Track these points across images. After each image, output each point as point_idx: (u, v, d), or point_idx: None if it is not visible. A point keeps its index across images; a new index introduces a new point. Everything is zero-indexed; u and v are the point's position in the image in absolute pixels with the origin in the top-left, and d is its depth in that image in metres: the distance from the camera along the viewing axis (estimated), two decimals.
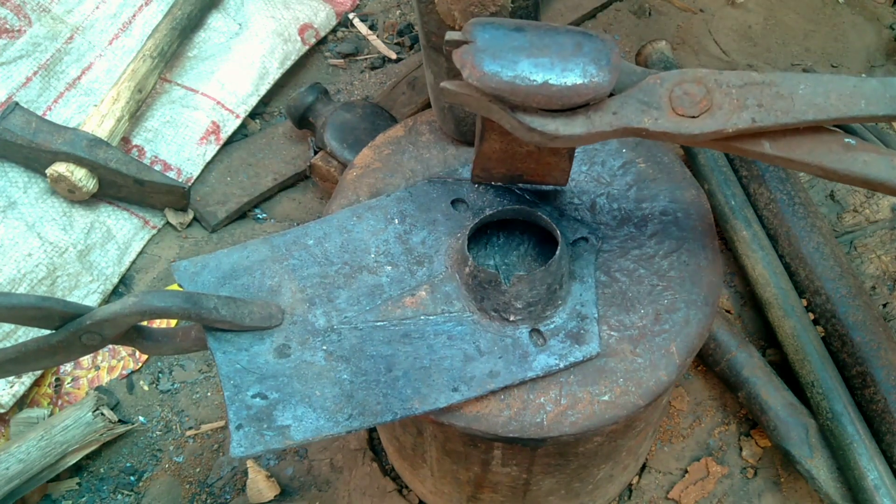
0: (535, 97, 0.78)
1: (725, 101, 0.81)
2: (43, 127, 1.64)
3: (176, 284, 0.96)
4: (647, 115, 0.82)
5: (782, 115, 0.80)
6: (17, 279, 1.55)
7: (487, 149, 0.95)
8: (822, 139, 0.82)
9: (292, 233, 1.00)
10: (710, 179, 1.58)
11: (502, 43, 0.79)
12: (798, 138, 0.82)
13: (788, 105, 0.80)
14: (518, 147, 0.94)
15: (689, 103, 0.82)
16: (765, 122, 0.81)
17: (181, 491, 1.42)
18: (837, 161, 0.82)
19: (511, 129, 0.82)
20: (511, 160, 0.97)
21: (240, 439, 0.83)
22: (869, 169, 0.82)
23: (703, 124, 0.81)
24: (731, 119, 0.81)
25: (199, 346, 0.92)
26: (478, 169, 1.00)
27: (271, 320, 0.91)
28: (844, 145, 0.82)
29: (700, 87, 0.82)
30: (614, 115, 0.81)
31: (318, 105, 1.78)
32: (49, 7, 1.86)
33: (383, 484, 1.40)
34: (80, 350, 0.86)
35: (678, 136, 0.82)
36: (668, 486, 1.42)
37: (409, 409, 0.86)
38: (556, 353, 0.91)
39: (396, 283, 0.96)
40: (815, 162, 0.82)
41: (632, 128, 0.82)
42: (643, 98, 0.82)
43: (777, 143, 0.83)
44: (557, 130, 0.80)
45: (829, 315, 1.42)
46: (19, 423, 1.45)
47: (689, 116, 0.82)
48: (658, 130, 0.82)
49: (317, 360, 0.89)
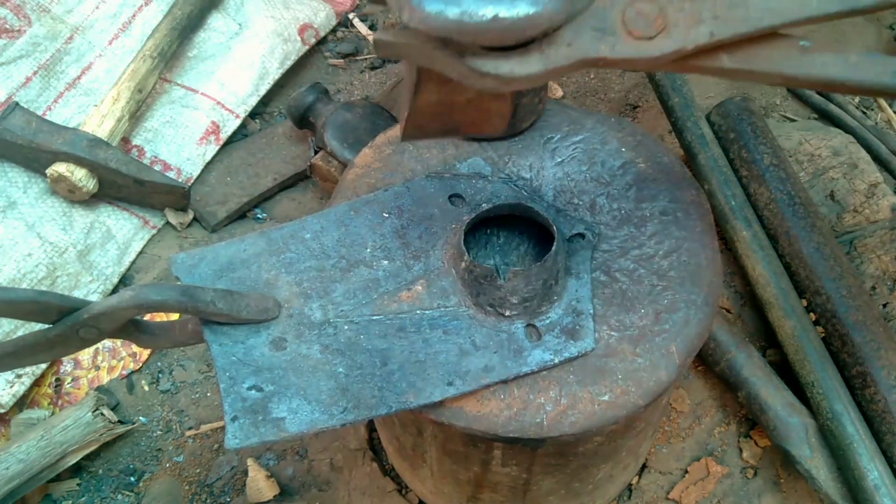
0: (486, 34, 0.70)
1: (680, 16, 0.77)
2: (43, 127, 1.64)
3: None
4: (602, 42, 0.77)
5: (740, 25, 0.77)
6: (17, 279, 1.55)
7: (422, 102, 0.87)
8: (777, 45, 0.80)
9: (289, 226, 1.00)
10: (711, 179, 1.58)
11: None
12: (755, 48, 0.79)
13: (744, 13, 0.77)
14: (457, 96, 0.87)
15: (643, 24, 0.77)
16: (723, 34, 0.77)
17: (181, 491, 1.42)
18: (797, 66, 0.80)
19: (459, 77, 0.75)
20: (448, 112, 0.90)
21: (234, 431, 0.83)
22: (828, 70, 0.80)
23: (662, 45, 0.77)
24: (689, 35, 0.77)
25: (196, 338, 0.93)
26: (409, 127, 0.92)
27: (267, 313, 0.91)
28: (800, 48, 0.80)
29: (652, 4, 0.78)
30: (569, 46, 0.75)
31: (318, 105, 1.78)
32: (49, 7, 1.86)
33: (383, 484, 1.40)
34: (78, 344, 0.86)
35: (638, 60, 0.78)
36: (668, 486, 1.42)
37: (404, 403, 0.87)
38: (550, 348, 0.91)
39: (393, 277, 0.96)
40: (775, 70, 0.80)
41: (589, 58, 0.77)
42: (596, 24, 0.77)
43: (734, 55, 0.79)
44: (512, 71, 0.73)
45: (829, 315, 1.41)
46: (20, 423, 1.45)
47: (646, 38, 0.77)
48: (617, 58, 0.77)
49: (312, 353, 0.90)
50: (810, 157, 1.68)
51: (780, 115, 1.90)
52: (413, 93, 0.86)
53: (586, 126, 1.10)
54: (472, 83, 0.75)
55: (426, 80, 0.84)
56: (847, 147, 1.68)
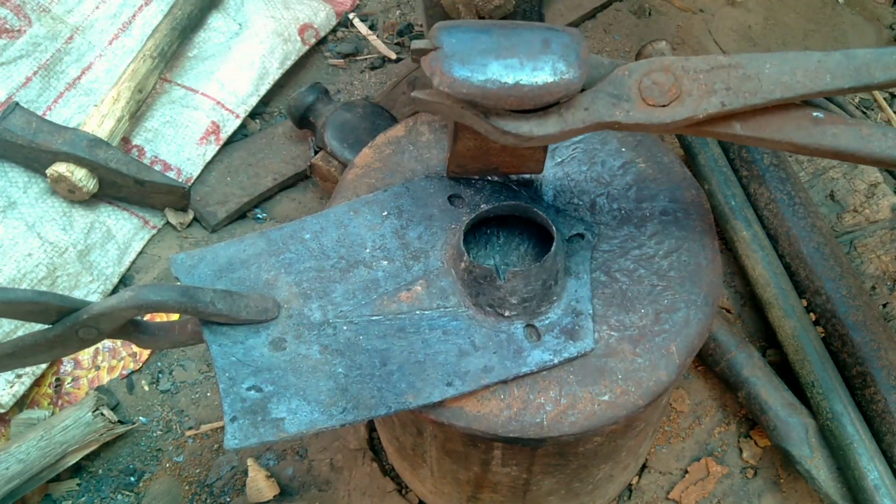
0: (507, 99, 0.78)
1: (694, 87, 0.82)
2: (43, 127, 1.64)
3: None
4: (618, 108, 0.82)
5: (750, 97, 0.81)
6: (17, 279, 1.55)
7: (461, 147, 0.95)
8: (790, 115, 0.83)
9: (289, 227, 1.00)
10: (711, 179, 1.58)
11: (470, 46, 0.78)
12: (767, 117, 0.83)
13: (756, 86, 0.81)
14: (492, 144, 0.94)
15: (658, 93, 0.82)
16: (734, 104, 0.81)
17: (181, 491, 1.42)
18: (807, 136, 0.83)
19: (485, 133, 0.82)
20: (486, 156, 0.97)
21: (234, 431, 0.83)
22: (839, 141, 0.83)
23: (673, 112, 0.82)
24: (700, 105, 0.81)
25: (195, 339, 0.93)
26: (453, 166, 1.00)
27: (267, 314, 0.91)
28: (813, 119, 0.83)
29: (668, 75, 0.82)
30: (586, 110, 0.82)
31: (318, 105, 1.78)
32: (49, 7, 1.86)
33: (383, 484, 1.40)
34: (77, 344, 0.86)
35: (650, 126, 0.83)
36: (667, 486, 1.42)
37: (404, 403, 0.87)
38: (550, 348, 0.91)
39: (392, 277, 0.96)
40: (786, 139, 0.83)
41: (604, 122, 0.82)
42: (613, 91, 0.82)
43: (747, 123, 0.83)
44: (531, 132, 0.80)
45: (829, 315, 1.41)
46: (20, 423, 1.45)
47: (659, 106, 0.82)
48: (630, 122, 0.82)
49: (312, 353, 0.90)
50: (810, 157, 1.68)
51: None
52: (453, 139, 0.94)
53: None
54: (496, 139, 0.82)
55: (463, 129, 0.91)
56: None
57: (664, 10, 2.15)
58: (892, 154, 0.83)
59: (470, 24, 0.80)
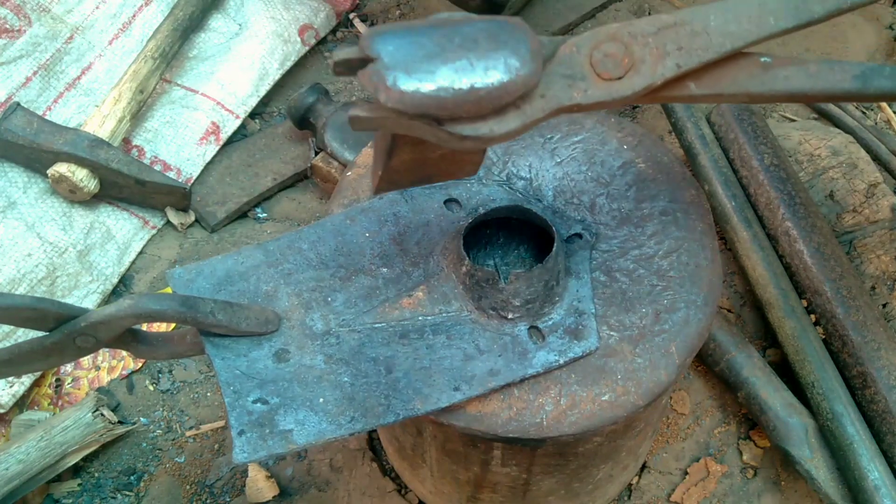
0: (463, 106, 0.70)
1: (645, 52, 0.78)
2: (44, 127, 1.64)
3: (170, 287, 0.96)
4: (574, 88, 0.77)
5: (703, 53, 0.79)
6: (17, 279, 1.55)
7: (397, 162, 0.85)
8: (740, 65, 0.82)
9: (286, 237, 0.99)
10: (711, 180, 1.58)
11: (410, 52, 0.69)
12: (719, 71, 0.81)
13: (706, 41, 0.79)
14: (430, 154, 0.86)
15: (611, 65, 0.78)
16: (689, 64, 0.78)
17: (181, 491, 1.42)
18: (761, 84, 0.82)
19: (437, 141, 0.75)
20: (421, 167, 0.89)
21: (242, 445, 0.82)
22: (791, 83, 0.82)
23: (631, 83, 0.78)
24: (657, 70, 0.78)
25: (194, 350, 0.92)
26: (383, 183, 0.89)
27: (268, 325, 0.90)
28: (762, 65, 0.82)
29: (617, 44, 0.79)
30: (542, 98, 0.76)
31: (318, 105, 1.78)
32: (49, 7, 1.86)
33: (383, 484, 1.40)
34: (75, 353, 0.85)
35: (611, 102, 0.79)
36: (667, 486, 1.42)
37: (412, 410, 0.86)
38: (555, 349, 0.91)
39: (393, 284, 0.96)
40: (741, 91, 0.82)
41: (564, 106, 0.77)
42: (565, 71, 0.77)
43: (701, 81, 0.81)
44: (492, 131, 0.73)
45: (829, 315, 1.41)
46: (20, 424, 1.45)
47: (615, 79, 0.78)
48: (590, 102, 0.78)
49: (316, 363, 0.89)
50: (810, 157, 1.68)
51: (780, 115, 1.90)
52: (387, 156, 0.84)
53: (586, 126, 1.10)
54: (452, 146, 0.74)
55: (401, 144, 0.82)
56: (847, 147, 1.68)
57: (664, 11, 2.15)
58: (842, 87, 0.83)
59: (403, 28, 0.71)
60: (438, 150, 0.84)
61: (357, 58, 0.70)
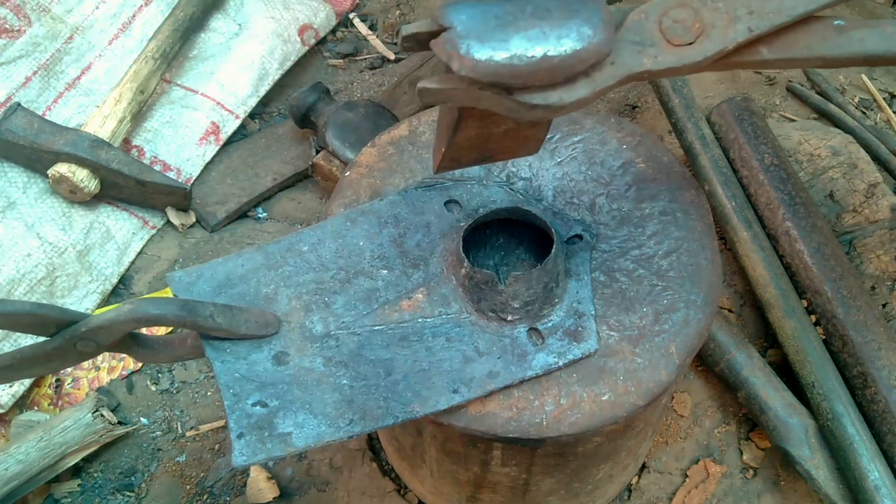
0: (537, 74, 0.70)
1: (716, 17, 0.77)
2: (45, 128, 1.64)
3: (169, 289, 0.95)
4: (644, 55, 0.77)
5: (776, 17, 0.77)
6: (17, 279, 1.55)
7: (462, 139, 0.86)
8: (813, 29, 0.80)
9: (286, 240, 0.99)
10: (711, 180, 1.58)
11: (483, 22, 0.69)
12: (791, 35, 0.79)
13: (778, 4, 0.77)
14: (495, 128, 0.86)
15: (682, 31, 0.77)
16: (761, 28, 0.77)
17: (181, 492, 1.42)
18: (836, 47, 0.80)
19: (507, 112, 0.75)
20: (485, 143, 0.90)
21: (241, 448, 0.82)
22: (866, 46, 0.80)
23: (703, 48, 0.77)
24: (728, 35, 0.77)
25: (195, 354, 0.92)
26: (446, 160, 0.91)
27: (268, 328, 0.90)
28: (836, 28, 0.80)
29: (687, 10, 0.78)
30: (612, 65, 0.75)
31: (319, 104, 1.78)
32: (49, 7, 1.86)
33: (383, 484, 1.40)
34: (76, 357, 0.85)
35: (682, 68, 0.78)
36: (667, 486, 1.42)
37: (411, 413, 0.86)
38: (554, 351, 0.90)
39: (392, 286, 0.96)
40: (815, 55, 0.80)
41: (634, 73, 0.77)
42: (634, 38, 0.77)
43: (773, 46, 0.79)
44: (562, 100, 0.73)
45: (829, 315, 1.41)
46: (20, 425, 1.45)
47: (686, 44, 0.77)
48: (661, 68, 0.77)
49: (316, 366, 0.89)
50: (810, 157, 1.68)
51: (780, 115, 1.90)
52: (452, 131, 0.85)
53: (586, 126, 1.10)
54: (521, 115, 0.74)
55: (467, 118, 0.83)
56: (846, 147, 1.68)
57: None
58: None
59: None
60: (504, 124, 0.84)
61: (427, 31, 0.71)
